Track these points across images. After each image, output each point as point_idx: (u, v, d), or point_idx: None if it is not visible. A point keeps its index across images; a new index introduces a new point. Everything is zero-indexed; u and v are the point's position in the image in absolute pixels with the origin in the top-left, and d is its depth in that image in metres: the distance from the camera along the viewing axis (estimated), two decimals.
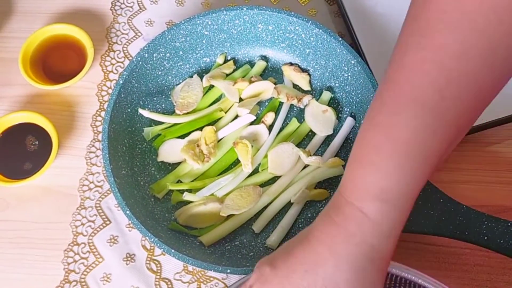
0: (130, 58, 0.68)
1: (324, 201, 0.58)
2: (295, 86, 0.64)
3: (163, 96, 0.64)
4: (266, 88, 0.62)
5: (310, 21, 0.60)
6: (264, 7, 0.61)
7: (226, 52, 0.66)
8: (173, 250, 0.51)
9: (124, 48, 0.69)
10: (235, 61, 0.66)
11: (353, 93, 0.60)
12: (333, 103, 0.63)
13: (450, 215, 0.50)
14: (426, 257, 0.56)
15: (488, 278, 0.55)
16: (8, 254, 0.58)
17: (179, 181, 0.60)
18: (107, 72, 0.68)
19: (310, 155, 0.58)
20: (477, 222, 0.49)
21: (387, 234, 0.36)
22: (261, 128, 0.61)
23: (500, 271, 0.55)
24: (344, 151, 0.60)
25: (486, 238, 0.49)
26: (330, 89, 0.63)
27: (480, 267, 0.55)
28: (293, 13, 0.61)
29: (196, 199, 0.57)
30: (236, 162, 0.60)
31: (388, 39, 0.65)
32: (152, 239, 0.52)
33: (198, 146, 0.60)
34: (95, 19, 0.71)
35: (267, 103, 0.64)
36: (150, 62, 0.61)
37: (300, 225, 0.57)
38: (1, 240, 0.59)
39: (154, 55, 0.61)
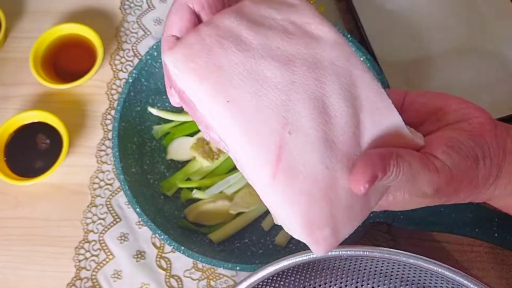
0: (140, 56, 0.69)
1: None
2: None
3: None
4: None
5: None
6: None
7: None
8: (183, 247, 0.51)
9: (134, 47, 0.70)
10: None
11: None
12: None
13: (460, 212, 0.50)
14: (436, 254, 0.55)
15: (500, 275, 0.54)
16: (19, 251, 0.59)
17: (188, 179, 0.60)
18: (117, 71, 0.68)
19: None
20: (487, 219, 0.49)
21: None
22: None
23: (511, 268, 0.54)
24: None
25: (496, 235, 0.48)
26: None
27: (491, 264, 0.55)
28: None
29: (205, 197, 0.58)
30: None
31: (397, 36, 0.64)
32: (162, 237, 0.52)
33: (207, 144, 0.60)
34: (105, 19, 0.72)
35: None
36: (159, 60, 0.62)
37: None
38: (13, 238, 0.60)
39: None
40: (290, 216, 0.32)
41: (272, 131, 0.31)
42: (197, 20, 0.36)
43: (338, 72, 0.33)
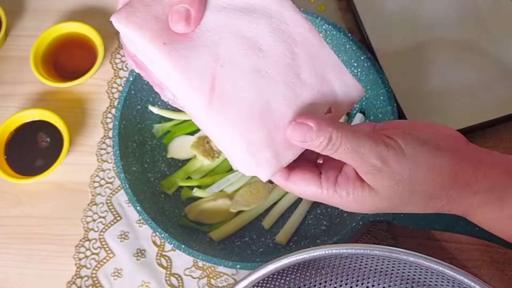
0: None
1: None
2: None
3: None
4: None
5: (319, 17, 0.60)
6: None
7: None
8: (183, 246, 0.51)
9: None
10: None
11: None
12: None
13: None
14: (436, 253, 0.55)
15: (500, 274, 0.54)
16: (20, 249, 0.59)
17: (188, 178, 0.60)
18: (117, 70, 0.68)
19: None
20: None
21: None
22: None
23: (511, 267, 0.55)
24: None
25: None
26: None
27: (492, 263, 0.55)
28: (302, 9, 0.61)
29: (205, 195, 0.58)
30: None
31: (397, 35, 0.64)
32: (163, 235, 0.52)
33: (207, 142, 0.60)
34: (105, 17, 0.71)
35: None
36: None
37: (310, 221, 0.57)
38: (14, 236, 0.60)
39: None
40: (232, 141, 0.35)
41: (205, 65, 0.35)
42: None
43: (270, 15, 0.36)
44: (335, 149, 0.34)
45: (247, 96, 0.35)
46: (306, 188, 0.37)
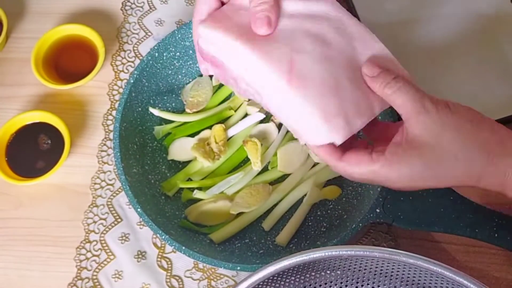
0: (141, 57, 0.69)
1: (335, 200, 0.58)
2: None
3: (173, 95, 0.64)
4: None
5: None
6: None
7: None
8: (183, 247, 0.51)
9: (135, 48, 0.70)
10: None
11: None
12: None
13: (461, 213, 0.50)
14: (436, 254, 0.56)
15: (499, 275, 0.54)
16: (21, 251, 0.59)
17: (189, 179, 0.60)
18: (118, 72, 0.68)
19: None
20: (487, 220, 0.49)
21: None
22: (270, 127, 0.61)
23: (511, 269, 0.55)
24: None
25: (496, 235, 0.48)
26: None
27: (491, 265, 0.55)
28: None
29: (206, 197, 0.58)
30: (246, 160, 0.61)
31: (397, 36, 0.64)
32: (163, 237, 0.52)
33: (208, 144, 0.60)
34: (106, 19, 0.72)
35: None
36: (160, 61, 0.62)
37: (310, 223, 0.57)
38: (15, 238, 0.60)
39: (164, 54, 0.62)
40: (309, 112, 0.41)
41: (283, 53, 0.42)
42: (221, 4, 0.46)
43: (329, 19, 0.44)
44: (398, 87, 0.39)
45: (320, 75, 0.41)
46: (359, 162, 0.41)
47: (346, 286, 0.45)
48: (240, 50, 0.42)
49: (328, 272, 0.45)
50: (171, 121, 0.63)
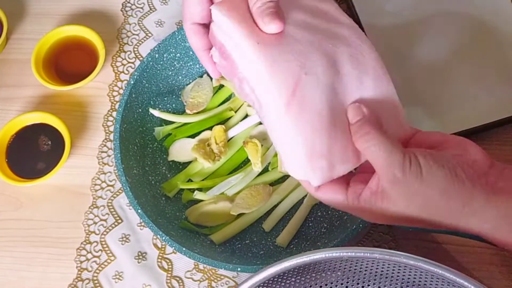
0: (141, 58, 0.69)
1: None
2: None
3: (174, 96, 0.64)
4: None
5: None
6: None
7: None
8: (184, 248, 0.51)
9: (135, 49, 0.70)
10: None
11: None
12: None
13: None
14: (437, 256, 0.55)
15: (500, 277, 0.54)
16: (21, 252, 0.59)
17: (189, 180, 0.60)
18: (118, 73, 0.68)
19: None
20: None
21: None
22: None
23: (511, 270, 0.55)
24: None
25: None
26: None
27: (493, 265, 0.55)
28: None
29: (206, 198, 0.58)
30: (246, 161, 0.61)
31: (397, 37, 0.64)
32: (164, 238, 0.52)
33: (208, 145, 0.60)
34: (106, 21, 0.72)
35: None
36: (161, 62, 0.62)
37: (310, 224, 0.57)
38: (15, 239, 0.60)
39: (165, 55, 0.62)
40: (296, 143, 0.38)
41: (292, 70, 0.38)
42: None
43: (349, 44, 0.41)
44: (371, 144, 0.38)
45: (320, 108, 0.39)
46: (333, 197, 0.40)
47: (347, 287, 0.45)
48: (249, 52, 0.39)
49: (329, 273, 0.45)
50: (171, 122, 0.63)
